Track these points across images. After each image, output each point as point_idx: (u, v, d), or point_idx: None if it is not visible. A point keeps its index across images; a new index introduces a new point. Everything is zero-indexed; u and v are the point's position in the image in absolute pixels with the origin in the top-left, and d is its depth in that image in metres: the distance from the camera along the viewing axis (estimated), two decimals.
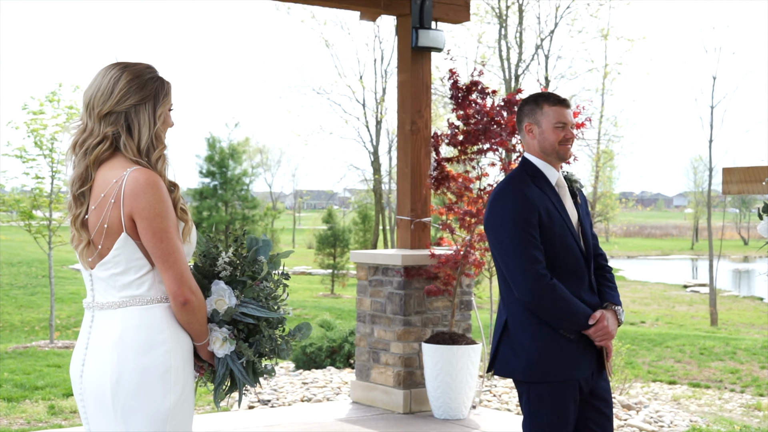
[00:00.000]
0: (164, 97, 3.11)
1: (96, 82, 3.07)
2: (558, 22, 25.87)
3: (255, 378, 3.19)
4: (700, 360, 13.08)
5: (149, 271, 3.02)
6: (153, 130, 3.05)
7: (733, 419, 8.86)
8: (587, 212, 4.10)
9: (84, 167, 3.03)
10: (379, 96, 29.67)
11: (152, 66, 3.14)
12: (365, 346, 7.92)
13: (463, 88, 7.58)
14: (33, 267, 24.86)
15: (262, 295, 3.17)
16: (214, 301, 3.11)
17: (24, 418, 7.78)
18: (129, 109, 3.04)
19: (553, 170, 3.97)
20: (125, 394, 2.96)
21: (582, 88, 27.16)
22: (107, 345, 2.99)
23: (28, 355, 11.92)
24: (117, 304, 3.02)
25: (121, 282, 3.01)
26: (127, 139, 3.03)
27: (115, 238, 2.99)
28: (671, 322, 21.55)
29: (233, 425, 7.10)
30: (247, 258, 3.22)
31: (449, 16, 8.28)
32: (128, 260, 2.99)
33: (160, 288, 3.04)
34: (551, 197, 3.90)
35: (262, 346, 3.16)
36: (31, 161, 13.47)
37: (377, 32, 29.50)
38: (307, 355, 10.19)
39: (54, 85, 13.67)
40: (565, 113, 3.94)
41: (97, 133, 3.03)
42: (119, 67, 3.08)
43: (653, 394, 10.63)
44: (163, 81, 3.12)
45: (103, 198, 2.99)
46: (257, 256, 3.24)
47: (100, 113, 3.03)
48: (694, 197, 61.13)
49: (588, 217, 4.09)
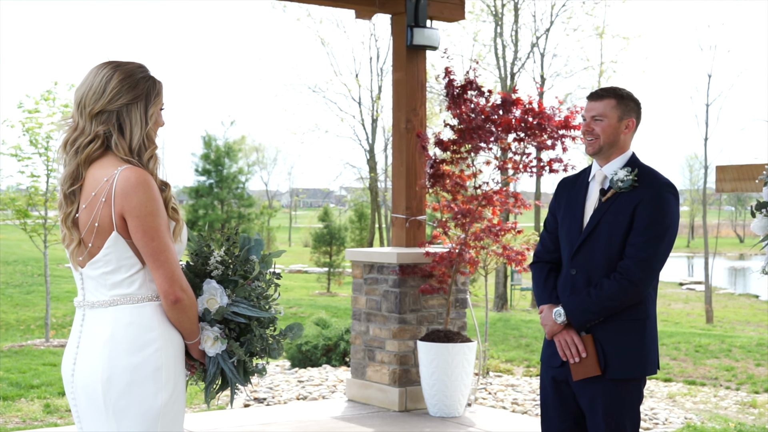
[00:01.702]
0: (156, 97, 3.09)
1: (88, 81, 3.05)
2: (553, 20, 25.91)
3: (246, 377, 3.18)
4: (696, 357, 13.10)
5: (140, 270, 3.01)
6: (144, 130, 3.04)
7: (729, 416, 8.88)
8: (625, 213, 3.90)
9: (75, 166, 3.02)
10: (375, 94, 29.71)
11: (144, 65, 3.13)
12: (361, 344, 7.93)
13: (459, 87, 7.59)
14: (29, 266, 24.85)
15: (253, 294, 3.16)
16: (205, 300, 3.11)
17: (19, 417, 7.78)
18: (121, 108, 3.02)
19: (596, 165, 4.08)
20: (116, 392, 2.95)
21: (577, 86, 27.21)
22: (98, 343, 2.99)
23: (24, 353, 11.92)
24: (107, 302, 3.01)
25: (111, 281, 3.00)
26: (118, 138, 3.01)
27: (105, 236, 2.98)
28: (667, 320, 21.59)
29: (229, 423, 7.10)
30: (239, 257, 3.21)
31: (444, 15, 8.29)
32: (119, 259, 2.99)
33: (150, 287, 3.03)
34: (581, 190, 4.08)
35: (253, 345, 3.15)
36: (27, 160, 13.47)
37: (373, 30, 29.56)
38: (303, 353, 10.19)
39: (49, 84, 13.65)
40: (588, 107, 4.07)
41: (88, 131, 3.02)
42: (111, 66, 3.07)
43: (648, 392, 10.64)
44: (154, 80, 3.11)
45: (94, 197, 2.98)
46: (249, 255, 3.23)
47: (92, 112, 3.02)
48: (690, 195, 61.23)
49: (620, 218, 3.90)
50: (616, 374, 3.88)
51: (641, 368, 3.91)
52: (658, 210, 3.86)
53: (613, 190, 3.93)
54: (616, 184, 3.92)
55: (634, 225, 3.86)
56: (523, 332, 14.91)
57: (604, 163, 4.01)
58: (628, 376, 3.89)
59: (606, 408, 3.88)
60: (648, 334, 3.93)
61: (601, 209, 3.94)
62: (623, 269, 3.84)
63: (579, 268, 3.96)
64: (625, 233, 3.87)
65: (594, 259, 3.93)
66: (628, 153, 4.02)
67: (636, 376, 3.92)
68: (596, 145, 3.98)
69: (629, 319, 3.90)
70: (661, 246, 3.87)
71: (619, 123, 3.98)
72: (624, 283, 3.83)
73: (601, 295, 3.85)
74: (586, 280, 3.93)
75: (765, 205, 4.22)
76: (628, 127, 4.00)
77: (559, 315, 3.92)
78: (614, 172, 3.94)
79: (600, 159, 4.02)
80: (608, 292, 3.84)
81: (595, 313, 3.87)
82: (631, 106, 4.02)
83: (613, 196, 3.93)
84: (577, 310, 3.89)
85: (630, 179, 3.89)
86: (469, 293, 8.01)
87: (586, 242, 3.94)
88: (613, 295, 3.84)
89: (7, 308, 19.25)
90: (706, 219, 28.17)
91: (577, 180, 4.14)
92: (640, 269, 3.83)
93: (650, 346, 3.94)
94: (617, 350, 3.88)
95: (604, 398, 3.88)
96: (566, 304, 3.94)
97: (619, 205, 3.90)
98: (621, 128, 3.99)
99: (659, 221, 3.85)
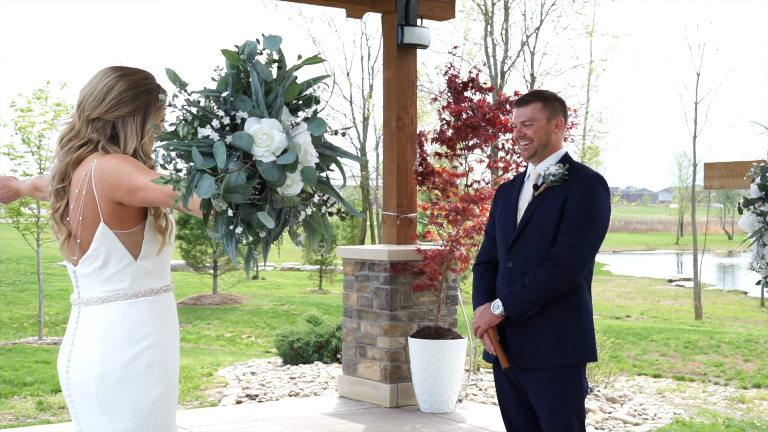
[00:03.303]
0: (156, 111, 3.08)
1: (91, 85, 3.06)
2: (543, 19, 25.97)
3: (253, 233, 2.40)
4: (685, 353, 13.19)
5: (130, 263, 3.01)
6: (139, 143, 3.04)
7: (717, 411, 8.96)
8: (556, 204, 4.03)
9: (64, 165, 3.06)
10: (366, 93, 29.71)
11: (150, 76, 3.11)
12: (352, 341, 7.99)
13: (460, 84, 7.65)
14: (21, 264, 24.81)
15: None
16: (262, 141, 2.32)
17: (12, 414, 7.81)
18: (117, 119, 3.03)
19: (531, 166, 4.22)
20: (109, 387, 2.96)
21: (567, 84, 27.25)
22: (92, 340, 3.00)
23: (17, 351, 11.94)
24: (101, 299, 3.02)
25: (104, 275, 3.01)
26: (108, 146, 3.02)
27: (93, 229, 2.98)
28: (656, 316, 21.69)
29: (221, 420, 7.15)
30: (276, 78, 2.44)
31: (435, 13, 8.34)
32: (108, 251, 2.99)
33: (143, 282, 3.04)
34: (516, 190, 4.23)
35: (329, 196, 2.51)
36: (19, 158, 13.50)
37: (364, 29, 29.56)
38: (295, 350, 10.24)
39: (42, 83, 13.68)
40: (516, 113, 4.20)
41: (83, 135, 3.04)
42: (117, 74, 3.06)
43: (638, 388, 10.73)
44: (157, 94, 3.08)
45: (78, 193, 3.00)
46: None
47: (89, 117, 3.03)
48: (679, 192, 61.36)
49: (551, 209, 4.04)
50: (555, 362, 4.02)
51: (578, 355, 4.04)
52: (587, 199, 4.00)
53: (545, 184, 4.08)
54: (548, 178, 4.05)
55: (565, 215, 4.00)
56: None
57: (538, 163, 4.16)
58: (567, 363, 4.02)
59: (550, 397, 4.01)
60: (584, 321, 4.07)
61: (534, 203, 4.09)
62: (554, 256, 3.97)
63: (515, 261, 4.10)
64: (557, 223, 4.01)
65: (528, 251, 4.07)
66: (560, 151, 4.16)
67: (574, 362, 4.04)
68: (531, 148, 4.13)
69: (564, 308, 4.04)
70: (591, 233, 3.99)
71: (548, 124, 4.13)
72: (555, 269, 3.95)
73: (534, 283, 3.97)
74: (521, 272, 4.06)
75: (753, 202, 4.28)
76: (557, 126, 4.14)
77: (497, 307, 4.06)
78: (546, 168, 4.09)
79: (534, 160, 4.17)
80: (541, 280, 3.96)
81: (532, 302, 3.99)
82: (557, 106, 4.16)
83: (545, 190, 4.07)
84: (514, 301, 4.02)
85: (561, 173, 4.03)
86: (460, 290, 8.07)
87: (521, 236, 4.08)
88: (545, 282, 3.96)
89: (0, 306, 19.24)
90: (695, 216, 28.26)
91: (515, 182, 4.30)
92: (570, 255, 3.95)
93: (586, 334, 4.07)
94: (554, 339, 4.02)
95: (547, 387, 4.02)
96: (503, 296, 4.06)
97: (550, 198, 4.05)
98: (551, 128, 4.14)
99: (588, 210, 3.98)
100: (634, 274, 35.96)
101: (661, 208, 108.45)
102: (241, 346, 15.98)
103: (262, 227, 2.36)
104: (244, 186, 2.29)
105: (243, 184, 2.29)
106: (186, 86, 2.40)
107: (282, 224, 2.42)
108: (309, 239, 2.50)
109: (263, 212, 2.32)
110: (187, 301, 19.95)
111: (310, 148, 2.41)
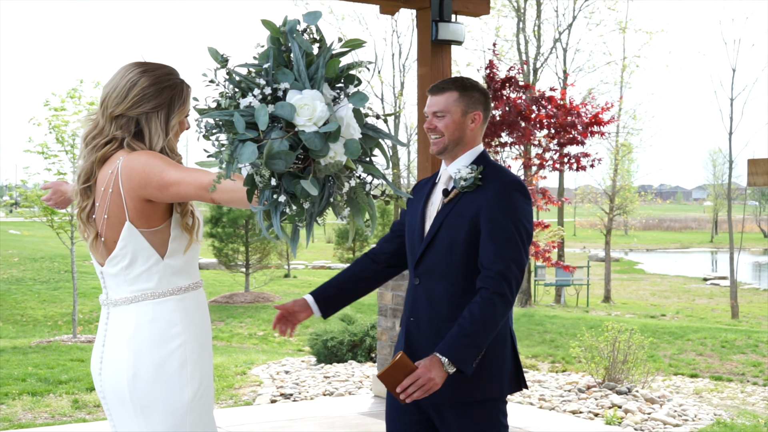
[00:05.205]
0: (180, 106, 3.02)
1: (114, 81, 3.01)
2: (576, 15, 25.83)
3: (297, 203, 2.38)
4: (722, 353, 13.02)
5: (158, 262, 2.96)
6: (165, 140, 2.98)
7: (757, 412, 8.82)
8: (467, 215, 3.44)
9: (90, 164, 3.00)
10: (398, 90, 29.68)
11: (174, 71, 3.05)
12: (387, 340, 7.93)
13: (498, 82, 7.60)
14: (56, 262, 25.02)
15: None
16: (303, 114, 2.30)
17: (48, 412, 7.83)
18: (140, 115, 2.98)
19: (443, 164, 3.65)
20: (142, 389, 2.93)
21: (600, 81, 27.13)
22: (122, 341, 2.97)
23: (52, 349, 12.01)
24: (129, 299, 2.98)
25: (131, 275, 2.96)
26: (134, 143, 2.96)
27: (119, 228, 2.94)
28: (692, 315, 21.48)
29: (256, 419, 7.12)
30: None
31: (469, 9, 8.26)
32: (134, 251, 2.94)
33: (171, 281, 2.99)
34: (425, 193, 3.67)
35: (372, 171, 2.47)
36: (53, 157, 13.59)
37: (395, 27, 29.61)
38: (329, 349, 10.21)
39: (75, 82, 13.77)
40: (429, 102, 3.60)
41: (106, 132, 2.99)
42: (139, 69, 3.00)
43: (675, 388, 10.60)
44: (182, 88, 3.02)
45: (103, 192, 2.95)
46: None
47: (112, 114, 2.98)
48: (713, 190, 60.81)
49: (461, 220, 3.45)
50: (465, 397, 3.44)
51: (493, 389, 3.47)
52: (505, 210, 3.39)
53: (456, 189, 3.50)
54: (459, 183, 3.48)
55: (482, 229, 3.39)
56: (547, 328, 14.86)
57: (450, 162, 3.58)
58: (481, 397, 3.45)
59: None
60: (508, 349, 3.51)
61: (443, 212, 3.51)
62: (491, 285, 3.32)
63: (421, 277, 3.54)
64: (468, 238, 3.42)
65: (435, 268, 3.49)
66: (476, 149, 3.52)
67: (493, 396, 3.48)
68: (441, 144, 3.53)
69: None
70: (519, 249, 3.37)
71: (463, 117, 3.52)
72: (496, 299, 3.30)
73: (478, 323, 3.29)
74: (426, 291, 3.51)
75: None
76: (474, 121, 3.51)
77: (449, 365, 3.26)
78: (458, 170, 3.51)
79: (446, 158, 3.59)
80: (487, 317, 3.30)
81: (483, 344, 3.31)
82: (477, 98, 3.52)
83: (456, 196, 3.49)
84: (464, 354, 3.28)
85: (473, 177, 3.46)
86: None
87: (428, 249, 3.51)
88: (492, 317, 3.30)
89: (34, 304, 19.41)
90: (731, 214, 27.96)
91: (428, 183, 3.70)
92: (506, 281, 3.33)
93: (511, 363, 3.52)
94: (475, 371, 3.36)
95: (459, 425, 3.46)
96: (446, 350, 3.27)
97: (461, 207, 3.46)
98: (466, 123, 3.53)
99: (508, 224, 3.37)
100: (668, 273, 35.70)
101: (695, 206, 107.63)
102: (273, 345, 16.00)
103: (306, 196, 2.32)
104: (286, 152, 2.25)
105: (285, 150, 2.25)
106: (227, 61, 2.39)
107: (326, 198, 2.38)
108: (353, 217, 2.45)
109: (306, 181, 2.29)
110: (219, 300, 20.01)
111: (353, 122, 2.37)
